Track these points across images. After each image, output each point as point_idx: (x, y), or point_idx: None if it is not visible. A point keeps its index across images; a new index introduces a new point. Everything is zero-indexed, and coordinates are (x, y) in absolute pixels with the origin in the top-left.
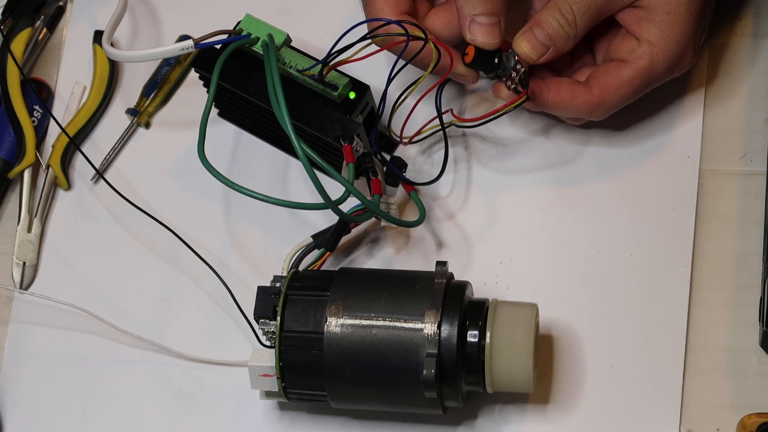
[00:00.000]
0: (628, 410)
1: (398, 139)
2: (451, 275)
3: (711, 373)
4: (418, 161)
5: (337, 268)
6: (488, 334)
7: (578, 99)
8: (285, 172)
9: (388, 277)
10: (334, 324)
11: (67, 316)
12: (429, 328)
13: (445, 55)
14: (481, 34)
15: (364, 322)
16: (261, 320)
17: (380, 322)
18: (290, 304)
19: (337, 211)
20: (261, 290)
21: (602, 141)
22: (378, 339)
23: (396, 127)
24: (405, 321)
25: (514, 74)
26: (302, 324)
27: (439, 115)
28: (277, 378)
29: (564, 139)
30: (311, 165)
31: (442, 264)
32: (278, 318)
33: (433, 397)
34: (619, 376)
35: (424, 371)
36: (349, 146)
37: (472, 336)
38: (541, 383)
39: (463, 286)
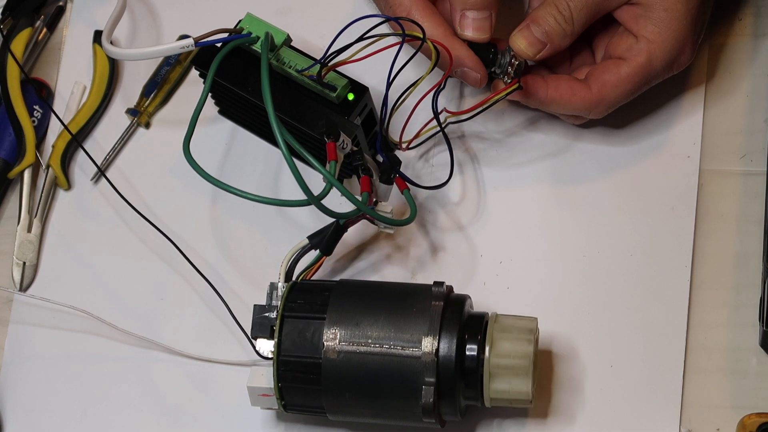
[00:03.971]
0: (628, 410)
1: (397, 146)
2: (450, 289)
3: (711, 373)
4: (416, 166)
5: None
6: (487, 350)
7: (577, 96)
8: (283, 172)
9: (386, 296)
10: (332, 350)
11: (67, 316)
12: (426, 356)
13: (445, 53)
14: (471, 29)
15: (362, 349)
16: (259, 339)
17: (377, 349)
18: (287, 326)
19: (320, 206)
20: (258, 309)
21: (603, 141)
22: (376, 365)
23: (393, 133)
24: (402, 348)
25: (510, 70)
26: (299, 348)
27: (436, 115)
28: (277, 398)
29: (564, 139)
30: (293, 155)
31: (439, 285)
32: (275, 339)
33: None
34: (619, 376)
35: (423, 400)
36: (332, 143)
37: (470, 350)
38: (540, 384)
39: (462, 301)
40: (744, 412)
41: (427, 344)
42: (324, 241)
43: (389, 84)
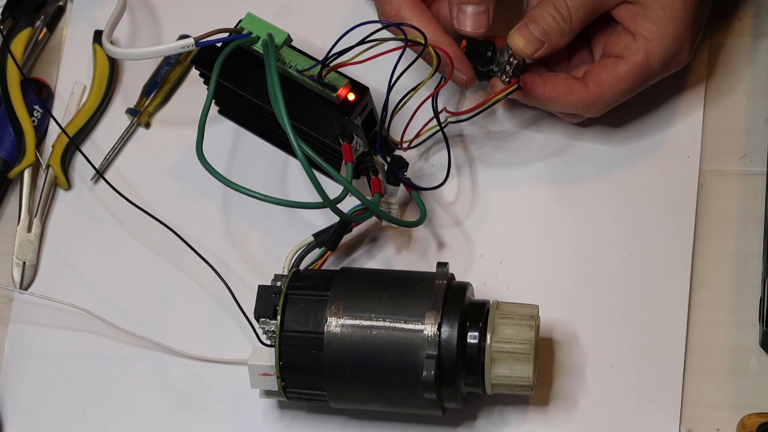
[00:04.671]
0: (628, 410)
1: (397, 146)
2: (452, 276)
3: (711, 373)
4: (417, 165)
5: (338, 268)
6: (488, 336)
7: (574, 94)
8: (284, 172)
9: (389, 278)
10: (335, 324)
11: (67, 316)
12: (429, 329)
13: (446, 57)
14: (469, 24)
15: (365, 323)
16: (261, 319)
17: (380, 323)
18: (291, 304)
19: (336, 210)
20: (262, 289)
21: (603, 141)
22: (378, 340)
23: (394, 132)
24: (405, 322)
25: (508, 68)
26: (302, 324)
27: (436, 115)
28: (277, 377)
29: (564, 138)
30: (309, 164)
31: (443, 265)
32: (278, 317)
33: (432, 398)
34: (619, 376)
35: (424, 373)
36: (348, 145)
37: (472, 337)
38: (541, 383)
39: (464, 287)
40: (744, 412)
41: (430, 318)
42: (329, 236)
43: (390, 88)
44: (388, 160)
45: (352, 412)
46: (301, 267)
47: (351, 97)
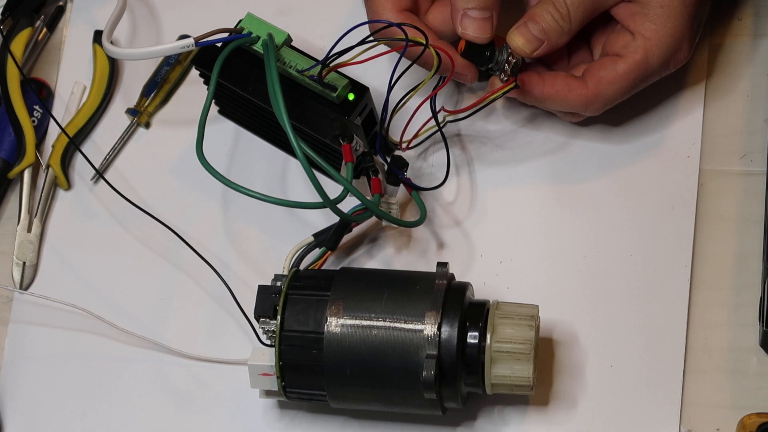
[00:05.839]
0: (628, 410)
1: (396, 146)
2: (452, 276)
3: (711, 373)
4: (416, 165)
5: (338, 268)
6: (488, 336)
7: (573, 92)
8: (284, 172)
9: (389, 278)
10: (335, 324)
11: (67, 316)
12: (429, 329)
13: (446, 58)
14: (473, 29)
15: (365, 323)
16: (261, 319)
17: (380, 323)
18: (291, 304)
19: (336, 210)
20: (262, 289)
21: (603, 140)
22: (378, 339)
23: (394, 132)
24: (405, 322)
25: (507, 67)
26: (302, 324)
27: (434, 115)
28: (277, 377)
29: (564, 137)
30: (309, 164)
31: (443, 265)
32: (278, 317)
33: (432, 398)
34: (619, 376)
35: (424, 372)
36: (348, 145)
37: (472, 337)
38: (541, 383)
39: (464, 287)
40: (744, 412)
41: (430, 318)
42: (329, 236)
43: (390, 88)
44: (388, 160)
45: (352, 412)
46: (301, 267)
47: (351, 97)
